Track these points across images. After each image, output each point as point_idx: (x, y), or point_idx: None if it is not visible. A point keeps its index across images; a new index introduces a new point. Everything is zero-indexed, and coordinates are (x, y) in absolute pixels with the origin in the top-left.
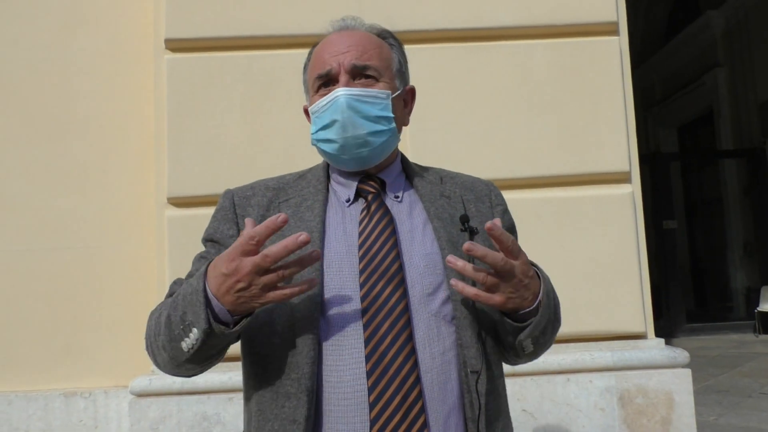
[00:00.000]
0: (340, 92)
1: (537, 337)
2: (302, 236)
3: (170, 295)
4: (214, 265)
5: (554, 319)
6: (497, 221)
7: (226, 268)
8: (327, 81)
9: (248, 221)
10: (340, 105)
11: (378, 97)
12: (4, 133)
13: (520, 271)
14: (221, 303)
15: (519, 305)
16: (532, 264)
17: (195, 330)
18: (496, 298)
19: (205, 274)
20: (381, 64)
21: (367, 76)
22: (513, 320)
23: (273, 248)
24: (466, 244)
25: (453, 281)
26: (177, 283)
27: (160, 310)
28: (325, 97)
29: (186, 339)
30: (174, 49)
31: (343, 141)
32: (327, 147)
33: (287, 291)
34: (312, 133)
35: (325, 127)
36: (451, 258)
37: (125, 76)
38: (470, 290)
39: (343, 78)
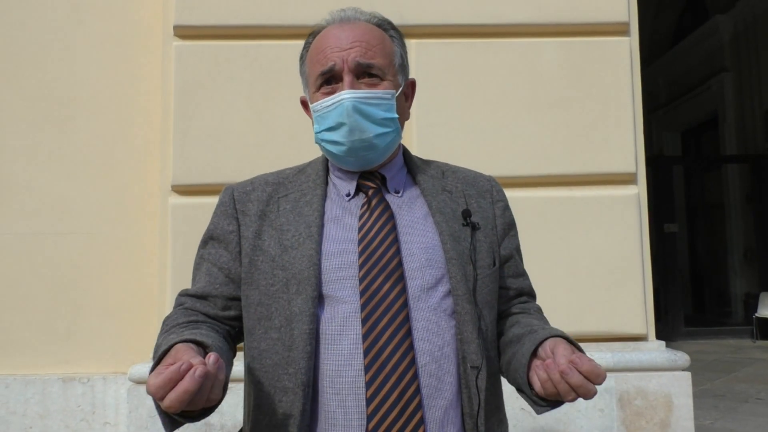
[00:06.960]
0: (346, 95)
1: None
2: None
3: (178, 306)
4: None
5: None
6: (576, 359)
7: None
8: (329, 78)
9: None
10: (347, 109)
11: (383, 98)
12: (10, 117)
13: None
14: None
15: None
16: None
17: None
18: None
19: None
20: (385, 61)
21: (372, 75)
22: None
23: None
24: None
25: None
26: (183, 295)
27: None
28: (329, 98)
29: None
30: (183, 36)
31: (350, 144)
32: (333, 148)
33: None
34: (316, 132)
35: (330, 129)
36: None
37: (133, 61)
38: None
39: (347, 78)
